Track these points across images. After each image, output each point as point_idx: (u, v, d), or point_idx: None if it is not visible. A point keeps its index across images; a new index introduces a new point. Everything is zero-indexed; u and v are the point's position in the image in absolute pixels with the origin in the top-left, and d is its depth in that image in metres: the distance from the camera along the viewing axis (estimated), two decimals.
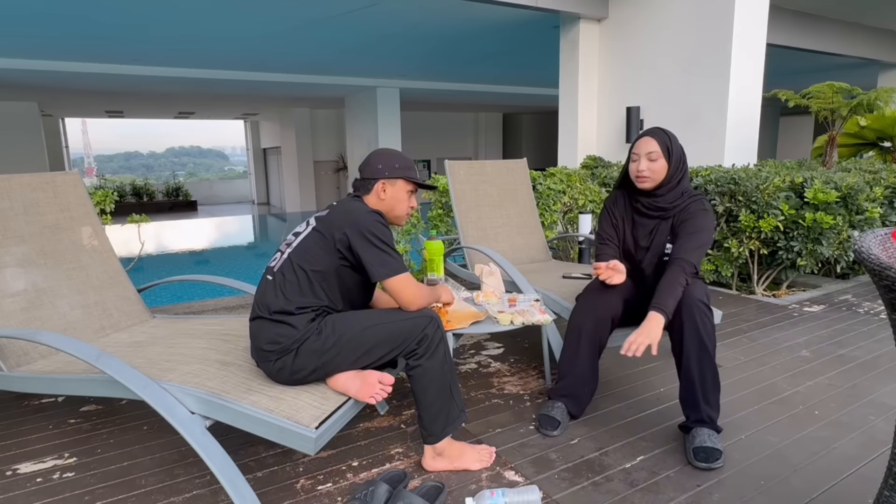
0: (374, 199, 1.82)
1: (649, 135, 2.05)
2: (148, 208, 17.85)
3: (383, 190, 1.81)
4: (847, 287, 4.14)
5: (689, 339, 1.90)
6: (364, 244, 1.66)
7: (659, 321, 1.85)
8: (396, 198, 1.83)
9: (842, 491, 1.70)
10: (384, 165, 1.81)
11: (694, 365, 1.91)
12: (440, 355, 1.72)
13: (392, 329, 1.69)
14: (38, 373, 1.91)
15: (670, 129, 2.10)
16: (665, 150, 2.02)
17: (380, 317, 1.72)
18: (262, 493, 1.71)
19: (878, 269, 1.04)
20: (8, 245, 2.15)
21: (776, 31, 7.06)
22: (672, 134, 2.08)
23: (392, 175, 1.81)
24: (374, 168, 1.81)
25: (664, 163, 2.02)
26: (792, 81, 11.92)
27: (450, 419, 1.76)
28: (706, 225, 2.00)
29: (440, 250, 2.39)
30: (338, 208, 1.75)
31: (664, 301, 1.87)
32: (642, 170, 2.03)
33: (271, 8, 6.56)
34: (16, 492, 1.75)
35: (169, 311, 3.64)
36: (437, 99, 15.26)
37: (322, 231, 1.70)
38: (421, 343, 1.68)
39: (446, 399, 1.74)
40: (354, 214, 1.69)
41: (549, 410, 2.09)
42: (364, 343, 1.67)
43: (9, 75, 9.58)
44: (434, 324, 1.71)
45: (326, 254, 1.69)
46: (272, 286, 1.71)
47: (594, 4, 5.93)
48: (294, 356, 1.64)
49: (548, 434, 2.04)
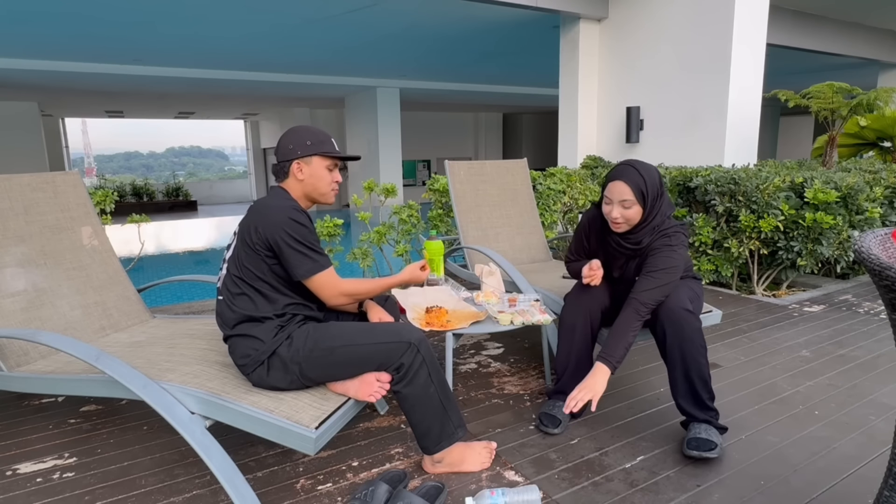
0: (292, 182, 1.73)
1: (623, 178, 1.92)
2: (148, 208, 17.85)
3: (300, 170, 1.72)
4: (847, 287, 4.14)
5: (671, 349, 1.91)
6: (279, 245, 1.60)
7: (605, 373, 1.82)
8: (316, 175, 1.73)
9: (842, 491, 1.70)
10: (295, 144, 1.72)
11: (679, 373, 1.91)
12: (420, 381, 1.63)
13: (366, 353, 1.61)
14: (38, 373, 1.91)
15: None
16: (639, 194, 1.90)
17: (357, 336, 1.64)
18: (262, 493, 1.71)
19: (878, 269, 1.03)
20: (8, 245, 2.15)
21: (776, 31, 7.06)
22: (647, 169, 1.95)
23: (305, 153, 1.72)
24: (285, 149, 1.73)
25: (638, 208, 1.92)
26: (792, 81, 11.93)
27: (444, 435, 1.71)
28: (669, 263, 1.90)
29: (440, 250, 2.39)
30: (252, 209, 1.68)
31: (612, 351, 1.84)
32: (615, 217, 1.94)
33: (271, 8, 6.57)
34: (16, 492, 1.75)
35: (169, 311, 3.64)
36: (437, 99, 15.26)
37: (243, 237, 1.65)
38: (398, 370, 1.61)
39: (437, 416, 1.68)
40: (265, 215, 1.62)
41: (550, 409, 2.09)
42: (335, 363, 1.62)
43: (9, 75, 9.59)
44: (412, 351, 1.61)
45: (255, 259, 1.63)
46: (224, 305, 1.69)
47: (594, 4, 5.93)
48: (267, 369, 1.63)
49: (549, 432, 2.04)
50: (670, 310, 1.89)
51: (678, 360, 1.90)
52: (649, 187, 1.92)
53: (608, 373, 1.83)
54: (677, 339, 1.89)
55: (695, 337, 1.89)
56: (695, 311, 1.94)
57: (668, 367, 1.95)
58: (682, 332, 1.88)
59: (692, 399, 1.92)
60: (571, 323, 2.08)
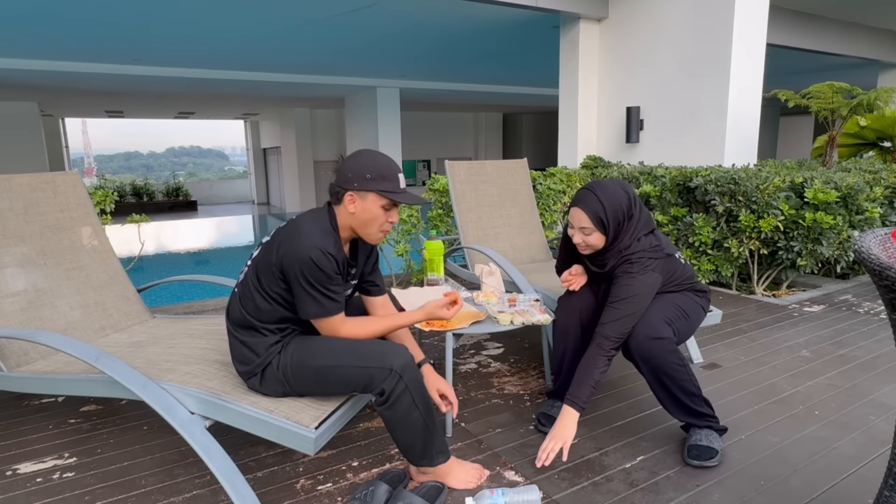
0: (343, 212, 1.61)
1: (580, 205, 1.88)
2: (148, 208, 17.85)
3: (352, 202, 1.58)
4: (847, 287, 4.14)
5: (648, 377, 1.90)
6: (293, 280, 1.54)
7: (573, 417, 1.77)
8: (368, 212, 1.58)
9: (842, 491, 1.70)
10: (354, 174, 1.56)
11: (662, 394, 1.90)
12: (403, 406, 1.56)
13: (347, 375, 1.56)
14: (38, 373, 1.91)
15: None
16: (598, 223, 1.86)
17: (341, 355, 1.58)
18: (262, 493, 1.71)
19: (878, 269, 1.03)
20: (8, 245, 2.15)
21: (776, 31, 7.06)
22: (610, 194, 1.87)
23: (362, 186, 1.56)
24: (343, 175, 1.58)
25: (599, 235, 1.89)
26: (792, 81, 11.93)
27: (426, 454, 1.66)
28: (629, 292, 1.83)
29: (440, 250, 2.39)
30: (286, 229, 1.60)
31: (578, 392, 1.78)
32: (578, 242, 1.94)
33: (271, 8, 6.56)
34: (16, 492, 1.75)
35: (169, 311, 3.63)
36: (437, 99, 15.26)
37: (268, 250, 1.60)
38: (381, 395, 1.56)
39: (420, 434, 1.63)
40: (291, 243, 1.54)
41: (549, 409, 2.09)
42: (318, 382, 1.60)
43: (9, 75, 9.58)
44: (393, 378, 1.53)
45: (270, 275, 1.59)
46: (235, 299, 1.68)
47: (594, 4, 5.93)
48: (260, 380, 1.63)
49: (547, 431, 2.04)
50: (638, 342, 1.85)
51: (658, 385, 1.89)
52: (609, 214, 1.85)
53: (576, 416, 1.77)
54: (650, 368, 1.86)
55: (667, 359, 1.83)
56: (672, 332, 1.87)
57: (650, 390, 1.93)
58: (652, 361, 1.84)
59: (683, 411, 1.91)
60: (564, 326, 2.08)
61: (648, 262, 1.87)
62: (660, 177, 4.22)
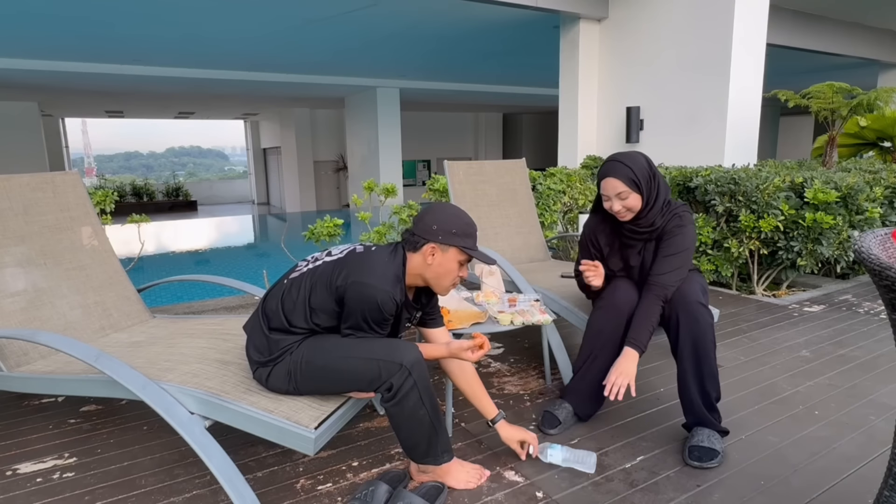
0: (419, 259, 1.62)
1: (612, 174, 1.94)
2: (148, 208, 17.84)
3: (432, 255, 1.61)
4: (847, 287, 4.14)
5: (683, 342, 1.90)
6: (351, 309, 1.56)
7: (633, 357, 1.87)
8: (445, 266, 1.62)
9: (842, 491, 1.70)
10: (439, 227, 1.60)
11: (689, 367, 1.91)
12: (410, 404, 1.57)
13: (357, 367, 1.57)
14: (38, 373, 1.91)
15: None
16: (632, 184, 1.92)
17: (353, 348, 1.59)
18: (262, 493, 1.71)
19: (878, 269, 1.03)
20: (8, 245, 2.15)
21: (776, 31, 7.06)
22: (631, 158, 1.96)
23: (446, 241, 1.60)
24: (427, 227, 1.60)
25: (636, 196, 1.94)
26: (792, 81, 11.92)
27: (430, 452, 1.67)
28: (683, 243, 1.95)
29: None
30: (358, 259, 1.60)
31: (638, 334, 1.89)
32: (617, 210, 1.97)
33: (271, 8, 6.56)
34: (16, 492, 1.75)
35: (169, 311, 3.63)
36: (437, 99, 15.26)
37: (332, 275, 1.59)
38: (388, 390, 1.56)
39: (425, 434, 1.63)
40: (363, 280, 1.54)
41: (554, 409, 2.08)
42: (328, 376, 1.60)
43: (9, 75, 9.58)
44: (403, 374, 1.55)
45: (327, 291, 1.59)
46: (277, 293, 1.67)
47: (594, 4, 5.93)
48: (268, 375, 1.63)
49: (546, 432, 2.04)
50: (686, 301, 1.89)
51: (690, 353, 1.90)
52: (638, 173, 1.94)
53: (637, 357, 1.87)
54: (691, 333, 1.89)
55: (707, 332, 1.90)
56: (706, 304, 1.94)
57: (678, 360, 1.94)
58: (696, 326, 1.88)
59: (700, 396, 1.91)
60: (600, 326, 2.05)
61: (690, 216, 2.00)
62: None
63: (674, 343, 1.95)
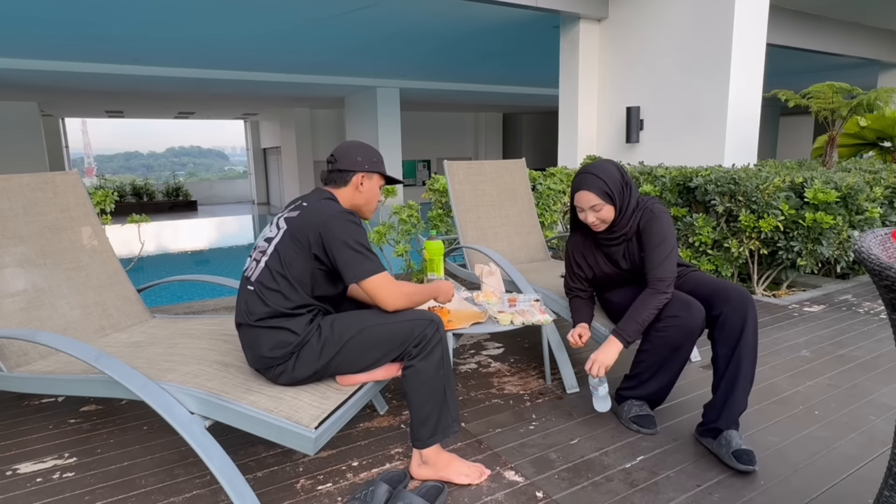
0: (349, 191, 1.81)
1: (585, 187, 1.99)
2: (148, 208, 17.86)
3: (361, 183, 1.81)
4: (847, 287, 4.14)
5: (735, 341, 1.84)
6: (338, 246, 1.63)
7: (616, 347, 1.94)
8: (372, 192, 1.85)
9: (842, 491, 1.70)
10: (363, 158, 1.82)
11: (748, 367, 1.83)
12: (435, 358, 1.67)
13: (391, 330, 1.67)
14: (38, 373, 1.91)
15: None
16: (606, 196, 1.97)
17: (379, 317, 1.69)
18: (262, 493, 1.71)
19: (878, 269, 1.03)
20: (8, 245, 2.15)
21: (776, 31, 7.06)
22: (602, 169, 2.00)
23: (371, 169, 1.82)
24: (352, 160, 1.80)
25: (610, 207, 1.99)
26: (792, 81, 11.93)
27: (439, 427, 1.70)
28: (661, 231, 1.97)
29: (440, 250, 2.39)
30: (308, 209, 1.70)
31: (626, 328, 1.94)
32: (592, 221, 2.03)
33: (271, 8, 6.56)
34: (16, 492, 1.75)
35: (169, 311, 3.63)
36: (437, 99, 15.26)
37: (295, 234, 1.66)
38: (418, 345, 1.66)
39: (438, 404, 1.69)
40: (326, 215, 1.66)
41: (642, 409, 2.08)
42: (362, 344, 1.66)
43: (9, 75, 9.58)
44: (433, 326, 1.68)
45: (302, 259, 1.65)
46: (254, 296, 1.67)
47: (594, 4, 5.93)
48: (295, 360, 1.63)
49: (648, 432, 2.03)
50: (742, 296, 1.85)
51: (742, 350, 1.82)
52: (611, 185, 1.98)
53: (619, 347, 1.94)
54: (745, 329, 1.82)
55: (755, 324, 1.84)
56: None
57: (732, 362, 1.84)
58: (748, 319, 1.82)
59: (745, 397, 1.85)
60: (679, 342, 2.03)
61: (660, 205, 2.05)
62: (660, 177, 4.22)
63: (732, 343, 1.85)
